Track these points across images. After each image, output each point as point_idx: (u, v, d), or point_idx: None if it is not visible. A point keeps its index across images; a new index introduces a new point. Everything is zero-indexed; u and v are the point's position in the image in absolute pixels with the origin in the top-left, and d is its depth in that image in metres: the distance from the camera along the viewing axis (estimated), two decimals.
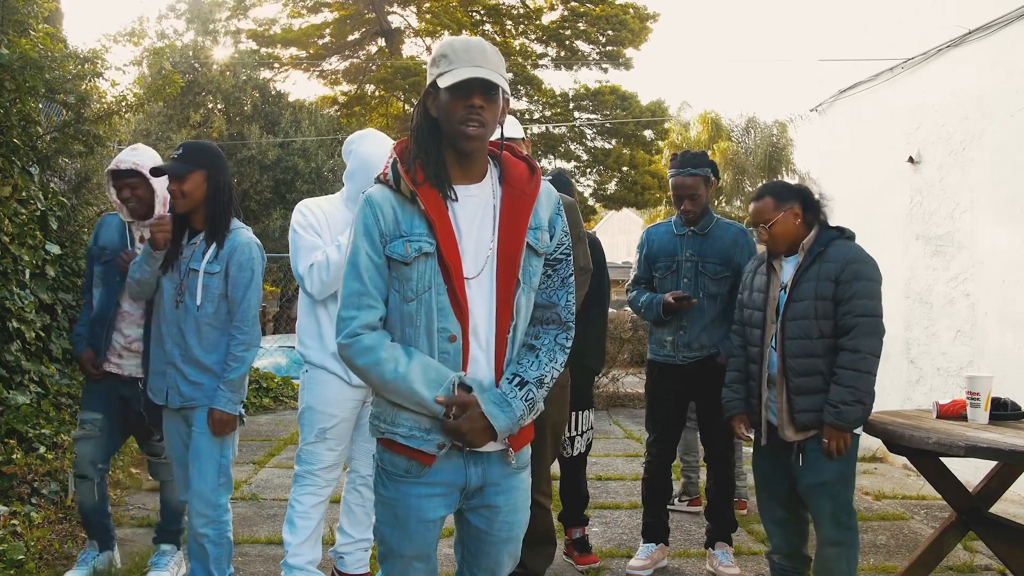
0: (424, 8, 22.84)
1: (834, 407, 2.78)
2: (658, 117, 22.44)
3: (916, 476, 5.58)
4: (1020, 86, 5.17)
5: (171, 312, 3.06)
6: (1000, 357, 5.21)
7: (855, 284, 2.82)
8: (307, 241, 3.12)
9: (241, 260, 3.04)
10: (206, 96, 16.22)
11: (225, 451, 3.07)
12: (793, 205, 2.96)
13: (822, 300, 2.84)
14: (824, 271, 2.86)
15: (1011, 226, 5.25)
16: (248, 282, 3.04)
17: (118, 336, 3.40)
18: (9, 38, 4.59)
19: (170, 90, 6.02)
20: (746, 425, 3.13)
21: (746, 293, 3.14)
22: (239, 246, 3.06)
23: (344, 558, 3.35)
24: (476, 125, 1.81)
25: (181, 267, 3.06)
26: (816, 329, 2.85)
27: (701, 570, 3.88)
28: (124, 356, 3.41)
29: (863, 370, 2.79)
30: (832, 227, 2.99)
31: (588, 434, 3.93)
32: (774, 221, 2.94)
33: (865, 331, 2.80)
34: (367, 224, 1.85)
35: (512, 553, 2.01)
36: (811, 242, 2.93)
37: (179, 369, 3.04)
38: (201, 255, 3.04)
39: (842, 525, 2.88)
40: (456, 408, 1.80)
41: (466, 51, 1.81)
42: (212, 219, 3.05)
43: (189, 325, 3.02)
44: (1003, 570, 3.79)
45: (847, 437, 2.82)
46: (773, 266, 3.03)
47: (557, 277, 1.98)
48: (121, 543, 3.98)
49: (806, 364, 2.86)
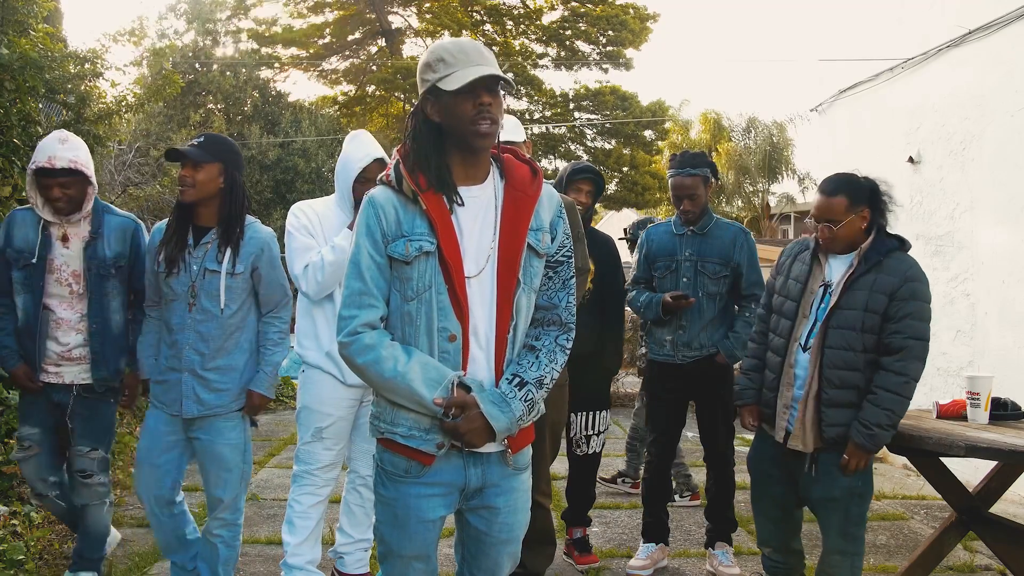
0: (424, 8, 22.86)
1: (867, 428, 2.61)
2: (658, 117, 22.45)
3: (916, 476, 5.58)
4: (1020, 86, 5.17)
5: (183, 316, 2.88)
6: (1000, 357, 5.21)
7: (911, 303, 2.63)
8: (301, 242, 3.12)
9: (272, 257, 3.00)
10: (206, 96, 16.24)
11: (247, 457, 3.03)
12: (864, 207, 2.74)
13: (872, 313, 2.65)
14: (880, 283, 2.65)
15: (1011, 226, 5.25)
16: (280, 273, 3.03)
17: (53, 345, 3.09)
18: (9, 38, 4.59)
19: (170, 90, 6.04)
20: (755, 417, 2.95)
21: (780, 279, 2.92)
22: (265, 243, 2.98)
23: (344, 558, 3.35)
24: (488, 122, 1.81)
25: (192, 268, 2.88)
26: (860, 342, 2.66)
27: (701, 570, 3.88)
28: (62, 365, 3.11)
29: (904, 395, 2.62)
30: (892, 235, 2.78)
31: (603, 435, 3.93)
32: (843, 223, 2.71)
33: (914, 355, 2.62)
34: (369, 224, 1.86)
35: (512, 554, 2.01)
36: (868, 248, 2.71)
37: (200, 376, 2.88)
38: (216, 255, 2.89)
39: (849, 536, 2.76)
40: (455, 408, 1.80)
41: (463, 52, 1.82)
42: (228, 219, 2.91)
43: (212, 329, 2.88)
44: (1003, 570, 3.79)
45: (869, 457, 2.67)
46: (819, 258, 2.82)
47: (558, 279, 1.98)
48: (122, 543, 3.98)
49: (844, 376, 2.68)
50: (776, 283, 2.95)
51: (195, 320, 2.88)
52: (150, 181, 9.30)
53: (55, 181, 3.01)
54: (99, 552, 3.29)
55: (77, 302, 3.12)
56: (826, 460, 2.72)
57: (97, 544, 3.27)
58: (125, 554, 3.81)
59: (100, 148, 5.60)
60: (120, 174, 9.21)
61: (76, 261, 3.11)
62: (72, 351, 3.10)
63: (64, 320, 3.09)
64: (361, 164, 3.13)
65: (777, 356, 2.85)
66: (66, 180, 3.01)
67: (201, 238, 2.92)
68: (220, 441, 2.93)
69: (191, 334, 2.88)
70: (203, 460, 2.98)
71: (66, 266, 3.11)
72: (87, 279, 3.11)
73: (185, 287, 2.89)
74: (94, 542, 3.25)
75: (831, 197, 2.75)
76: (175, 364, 2.91)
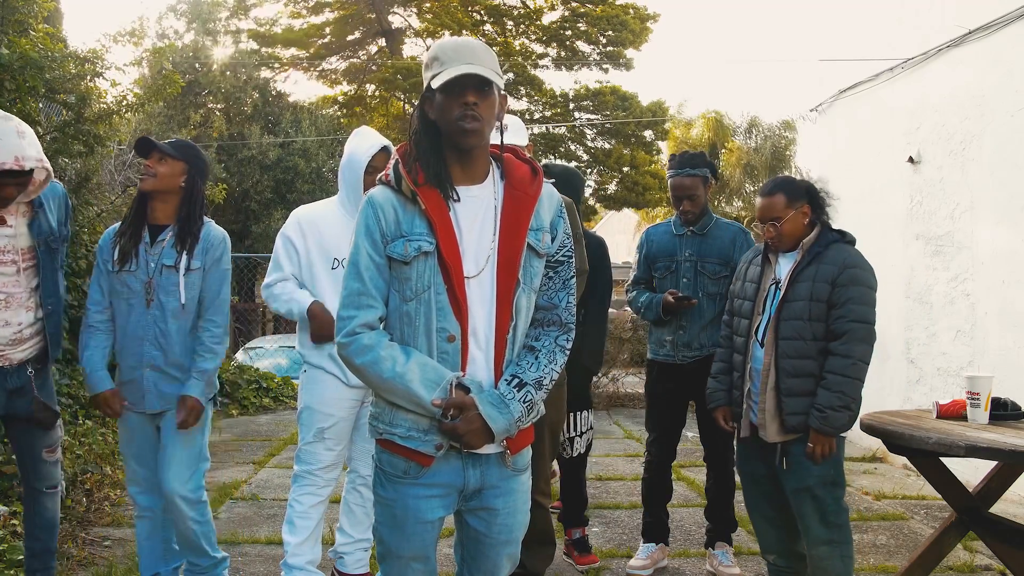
0: (424, 8, 22.83)
1: (820, 412, 2.76)
2: (658, 117, 22.43)
3: (916, 476, 5.58)
4: (1020, 86, 5.17)
5: (143, 312, 2.93)
6: (1000, 357, 5.21)
7: (851, 289, 2.80)
8: (282, 264, 3.17)
9: (217, 255, 3.02)
10: (206, 96, 16.25)
11: (203, 439, 3.05)
12: (803, 203, 2.93)
13: (817, 302, 2.82)
14: (821, 273, 2.84)
15: (1011, 226, 5.25)
16: (224, 275, 3.04)
17: (5, 329, 2.83)
18: (9, 38, 4.59)
19: (170, 90, 6.03)
20: (728, 417, 3.14)
21: (739, 283, 3.14)
22: (214, 241, 3.02)
23: (344, 558, 3.35)
24: (471, 121, 1.81)
25: (148, 265, 2.93)
26: (809, 331, 2.83)
27: (701, 570, 3.88)
28: (12, 345, 2.86)
29: (852, 376, 2.76)
30: (835, 230, 2.97)
31: (588, 435, 3.93)
32: (785, 219, 2.91)
33: (857, 337, 2.77)
34: (368, 224, 1.86)
35: (511, 555, 2.01)
36: (811, 242, 2.91)
37: (162, 370, 2.94)
38: (173, 252, 2.94)
39: (831, 524, 2.85)
40: (453, 409, 1.80)
41: (455, 51, 1.82)
42: (187, 219, 2.98)
43: (172, 325, 2.93)
44: (1003, 570, 3.79)
45: (832, 442, 2.80)
46: (768, 259, 3.03)
47: (558, 279, 1.98)
48: (121, 543, 3.99)
49: (798, 365, 2.84)
50: (736, 288, 3.16)
51: (155, 317, 2.93)
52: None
53: (15, 181, 2.74)
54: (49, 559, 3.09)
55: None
56: (796, 451, 2.85)
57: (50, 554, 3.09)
58: (125, 554, 3.81)
59: (100, 148, 5.60)
60: (120, 174, 9.21)
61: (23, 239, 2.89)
62: (24, 329, 2.89)
63: (13, 296, 2.85)
64: (369, 153, 3.16)
65: (739, 355, 3.04)
66: (25, 180, 2.77)
67: (157, 236, 2.97)
68: (172, 432, 2.95)
69: (152, 329, 2.93)
70: (164, 444, 2.98)
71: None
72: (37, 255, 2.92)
73: (141, 283, 2.93)
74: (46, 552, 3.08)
75: (771, 196, 2.96)
76: (135, 362, 2.95)
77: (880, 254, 5.65)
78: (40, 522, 3.02)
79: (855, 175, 7.08)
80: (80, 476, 4.56)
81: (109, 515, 4.38)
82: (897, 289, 6.31)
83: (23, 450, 2.99)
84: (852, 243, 2.96)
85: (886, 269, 5.92)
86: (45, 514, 3.02)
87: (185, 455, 2.98)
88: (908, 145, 6.31)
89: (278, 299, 3.16)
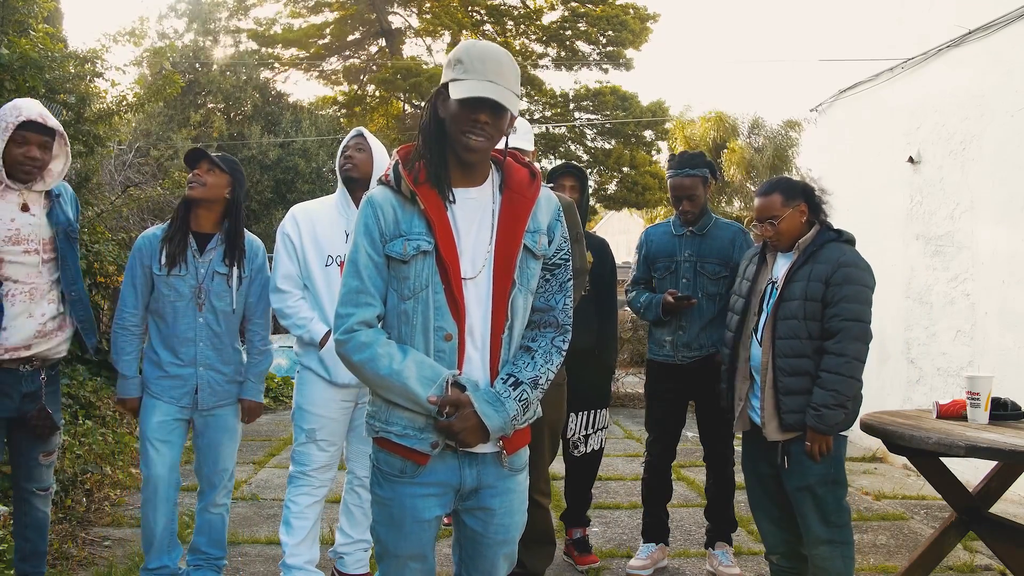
0: (424, 8, 22.82)
1: (816, 410, 2.77)
2: (659, 118, 22.42)
3: (916, 476, 5.58)
4: (1020, 86, 5.17)
5: (194, 315, 3.11)
6: (1000, 357, 5.21)
7: (845, 287, 2.80)
8: (285, 263, 3.18)
9: (259, 263, 3.27)
10: (206, 96, 16.24)
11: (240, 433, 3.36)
12: (800, 203, 2.94)
13: (811, 301, 2.83)
14: (816, 272, 2.84)
15: (1011, 226, 5.25)
16: (265, 281, 3.27)
17: (29, 322, 2.84)
18: (9, 38, 4.59)
19: (170, 90, 6.04)
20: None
21: (737, 281, 3.18)
22: (257, 250, 3.27)
23: (344, 558, 3.36)
24: (479, 139, 1.81)
25: (199, 271, 3.10)
26: (805, 330, 2.83)
27: (701, 570, 3.88)
28: (38, 340, 2.87)
29: (846, 374, 2.76)
30: (832, 229, 2.97)
31: (602, 432, 3.93)
32: (782, 218, 2.92)
33: (851, 335, 2.77)
34: (367, 223, 1.86)
35: (508, 555, 2.01)
36: (807, 242, 2.92)
37: (219, 371, 3.17)
38: (222, 260, 3.14)
39: (832, 524, 2.85)
40: (449, 406, 1.80)
41: (482, 61, 1.79)
42: (233, 233, 3.17)
43: (223, 327, 3.16)
44: (1003, 570, 3.79)
45: (829, 440, 2.80)
46: (766, 258, 3.05)
47: (556, 281, 1.98)
48: (121, 543, 3.99)
49: (795, 364, 2.85)
50: (736, 286, 3.19)
51: (208, 320, 3.13)
52: (150, 181, 9.29)
53: (39, 139, 2.79)
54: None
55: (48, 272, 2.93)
56: (797, 450, 2.86)
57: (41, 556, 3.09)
58: (125, 554, 3.81)
59: (100, 148, 5.60)
60: (120, 174, 9.21)
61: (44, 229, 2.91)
62: (47, 323, 2.91)
63: (37, 288, 2.87)
64: (346, 142, 3.26)
65: (726, 348, 3.11)
66: (48, 140, 2.83)
67: (205, 244, 3.15)
68: (224, 423, 3.22)
69: (205, 332, 3.13)
70: (214, 436, 3.22)
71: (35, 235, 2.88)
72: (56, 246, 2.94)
73: (190, 288, 3.09)
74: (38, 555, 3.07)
75: (767, 196, 2.98)
76: (187, 360, 3.12)
77: (880, 254, 5.65)
78: (30, 522, 3.03)
79: (855, 175, 7.08)
80: (80, 476, 4.56)
81: (109, 515, 4.38)
82: (897, 289, 6.31)
83: (21, 452, 3.00)
84: (850, 242, 2.96)
85: (886, 269, 5.93)
86: (35, 515, 3.03)
87: (232, 449, 3.29)
88: (908, 145, 6.31)
89: (289, 319, 3.19)
